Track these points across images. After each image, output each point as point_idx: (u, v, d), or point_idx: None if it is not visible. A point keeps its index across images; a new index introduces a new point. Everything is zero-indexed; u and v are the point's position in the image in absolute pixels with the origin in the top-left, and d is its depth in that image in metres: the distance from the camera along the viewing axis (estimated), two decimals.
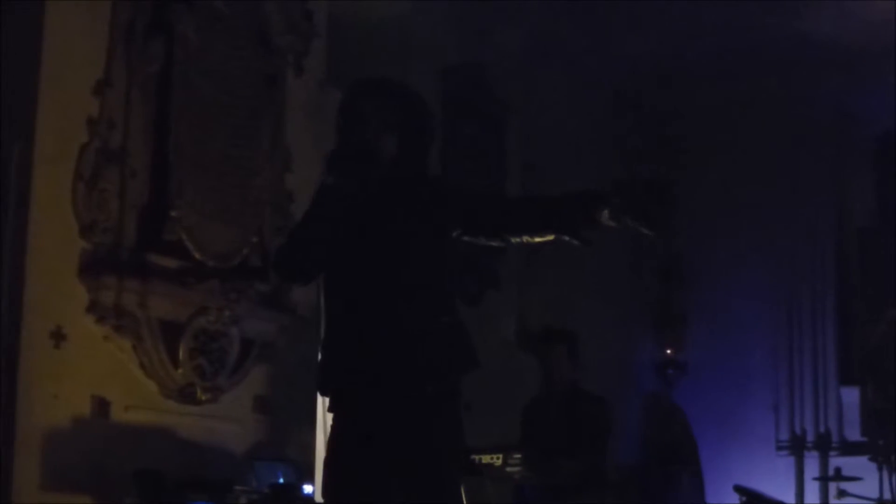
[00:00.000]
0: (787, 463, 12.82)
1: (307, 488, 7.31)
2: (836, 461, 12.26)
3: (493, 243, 4.69)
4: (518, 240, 4.58)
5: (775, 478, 12.33)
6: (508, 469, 7.52)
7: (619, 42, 11.79)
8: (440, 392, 4.43)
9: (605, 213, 4.33)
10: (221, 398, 7.77)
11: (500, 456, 7.48)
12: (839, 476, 11.36)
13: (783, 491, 11.68)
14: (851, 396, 12.92)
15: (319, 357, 4.56)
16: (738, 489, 10.03)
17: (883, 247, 12.93)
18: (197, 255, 7.60)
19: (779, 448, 12.91)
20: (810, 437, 12.88)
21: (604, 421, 8.08)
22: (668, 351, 13.00)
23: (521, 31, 11.32)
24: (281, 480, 7.45)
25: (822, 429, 12.89)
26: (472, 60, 10.98)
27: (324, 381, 4.53)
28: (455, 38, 10.74)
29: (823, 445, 12.77)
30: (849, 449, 12.57)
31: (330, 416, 4.54)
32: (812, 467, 12.64)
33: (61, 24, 7.02)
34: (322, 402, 6.89)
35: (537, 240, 4.54)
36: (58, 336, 6.87)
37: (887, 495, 10.63)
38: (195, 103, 7.73)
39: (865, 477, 11.00)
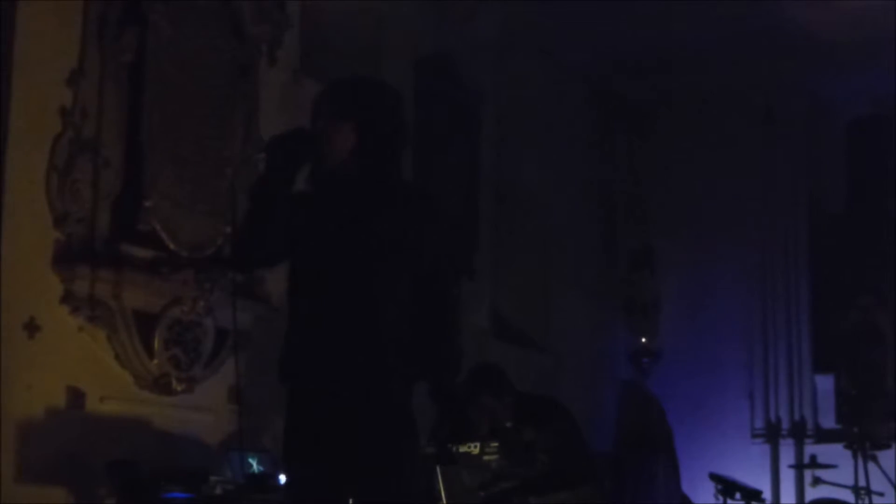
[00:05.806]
0: (762, 450, 12.88)
1: (283, 478, 7.29)
2: (811, 449, 12.28)
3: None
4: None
5: (750, 465, 12.38)
6: (486, 457, 7.50)
7: (595, 30, 11.81)
8: (400, 386, 4.44)
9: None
10: (196, 388, 7.75)
11: (478, 444, 7.46)
12: (814, 463, 11.38)
13: (758, 478, 11.71)
14: (826, 384, 12.98)
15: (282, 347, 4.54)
16: (714, 477, 10.04)
17: (855, 233, 12.99)
18: (171, 246, 7.58)
19: (754, 436, 12.98)
20: (785, 425, 12.94)
21: (565, 422, 7.96)
22: (643, 339, 13.03)
23: (495, 21, 11.32)
24: (256, 469, 7.43)
25: (796, 416, 12.94)
26: (445, 50, 10.96)
27: (284, 370, 4.51)
28: (428, 28, 10.72)
29: (798, 433, 12.83)
30: (823, 436, 12.63)
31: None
32: (787, 455, 12.71)
33: (34, 14, 6.98)
34: None
35: None
36: (32, 327, 6.84)
37: (862, 483, 10.65)
38: (168, 93, 7.71)
39: (840, 464, 11.01)
